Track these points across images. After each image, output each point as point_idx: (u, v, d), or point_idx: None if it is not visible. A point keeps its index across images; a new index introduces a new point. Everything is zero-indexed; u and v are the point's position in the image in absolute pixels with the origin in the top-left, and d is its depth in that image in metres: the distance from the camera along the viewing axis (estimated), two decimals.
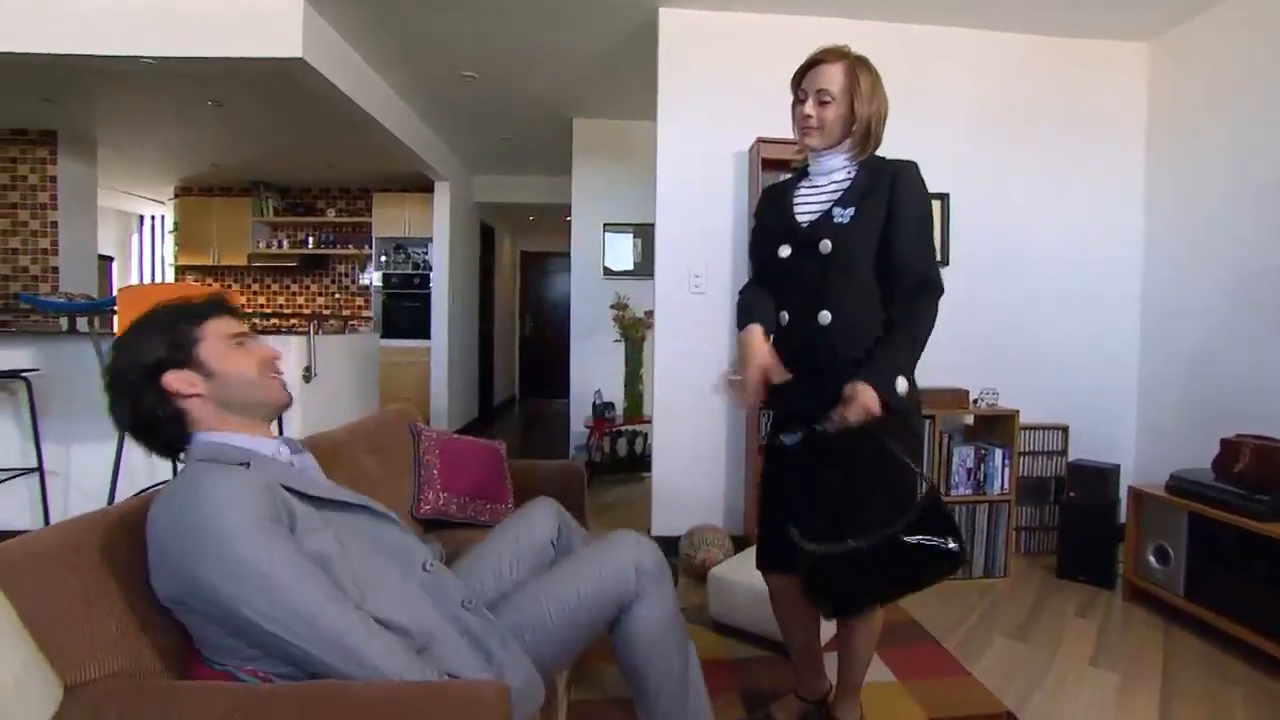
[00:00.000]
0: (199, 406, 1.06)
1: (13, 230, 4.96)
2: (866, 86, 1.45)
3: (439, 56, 3.68)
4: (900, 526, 1.29)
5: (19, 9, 2.88)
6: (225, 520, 0.90)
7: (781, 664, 2.12)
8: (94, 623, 0.93)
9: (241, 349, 1.11)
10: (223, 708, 0.87)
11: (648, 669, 1.28)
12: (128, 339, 1.08)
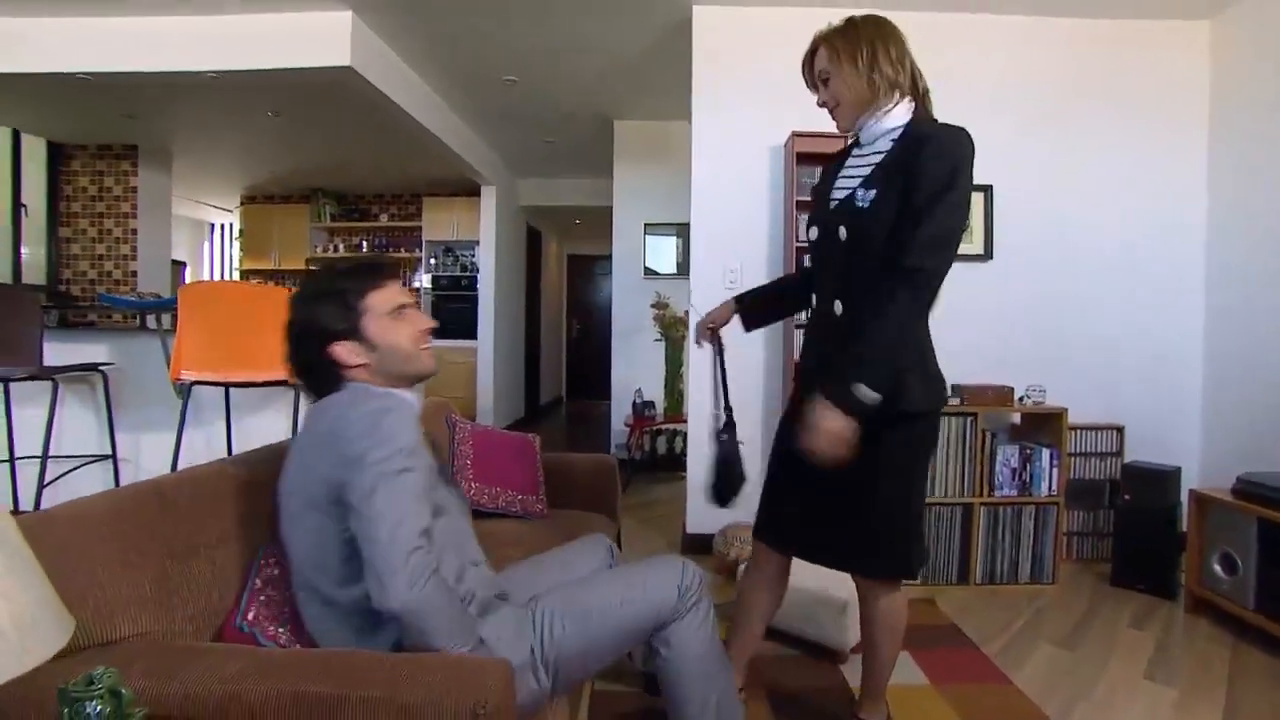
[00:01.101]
0: (359, 373, 1.18)
1: (98, 237, 5.34)
2: (854, 48, 1.36)
3: (481, 62, 3.78)
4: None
5: (104, 35, 3.19)
6: (401, 432, 1.06)
7: (809, 662, 2.09)
8: (129, 583, 1.00)
9: (401, 320, 1.20)
10: (239, 667, 0.92)
11: (687, 692, 1.28)
12: (303, 304, 1.18)
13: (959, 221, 1.30)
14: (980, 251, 3.00)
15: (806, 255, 1.63)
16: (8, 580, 0.53)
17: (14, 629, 0.52)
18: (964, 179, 1.30)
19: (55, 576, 0.90)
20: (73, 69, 3.22)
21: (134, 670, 0.89)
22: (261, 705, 0.87)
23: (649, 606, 1.24)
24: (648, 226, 5.00)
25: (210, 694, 0.88)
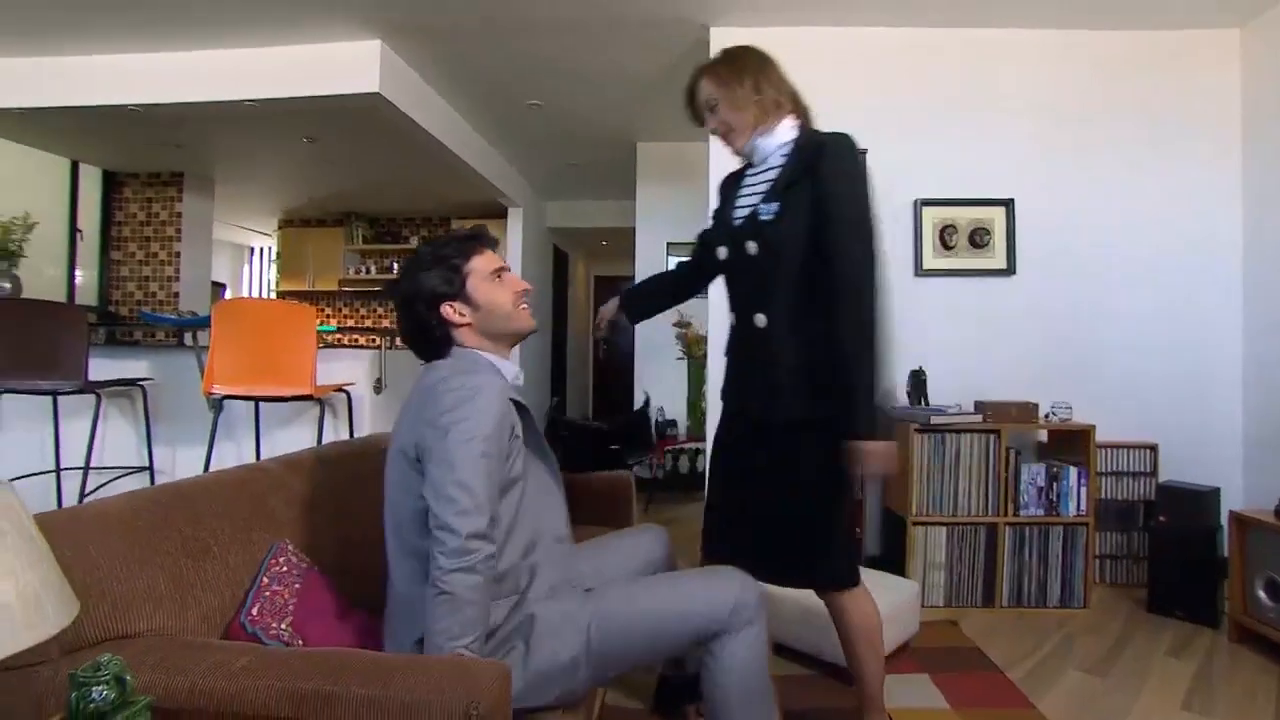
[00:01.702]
0: (466, 332, 1.27)
1: (145, 260, 5.59)
2: (738, 75, 1.47)
3: (506, 87, 3.89)
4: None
5: (153, 70, 3.41)
6: (485, 411, 1.12)
7: (825, 682, 2.06)
8: (146, 580, 1.04)
9: (500, 282, 1.29)
10: (244, 662, 0.95)
11: (725, 706, 1.26)
12: (414, 270, 1.26)
13: (872, 235, 1.41)
14: (1002, 266, 2.97)
15: (679, 260, 1.83)
16: (14, 558, 0.57)
17: (19, 604, 0.56)
18: (867, 189, 1.42)
19: (76, 570, 0.96)
20: (125, 101, 3.43)
21: (145, 664, 0.92)
22: (264, 700, 0.90)
23: (699, 617, 1.23)
24: (670, 246, 5.04)
25: (216, 688, 0.91)
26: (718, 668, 1.24)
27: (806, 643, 2.15)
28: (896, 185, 3.00)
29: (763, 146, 1.50)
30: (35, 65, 3.52)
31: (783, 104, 1.49)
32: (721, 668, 1.24)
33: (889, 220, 2.94)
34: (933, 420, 2.61)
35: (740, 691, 1.25)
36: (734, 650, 1.24)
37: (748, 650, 1.25)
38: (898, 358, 2.96)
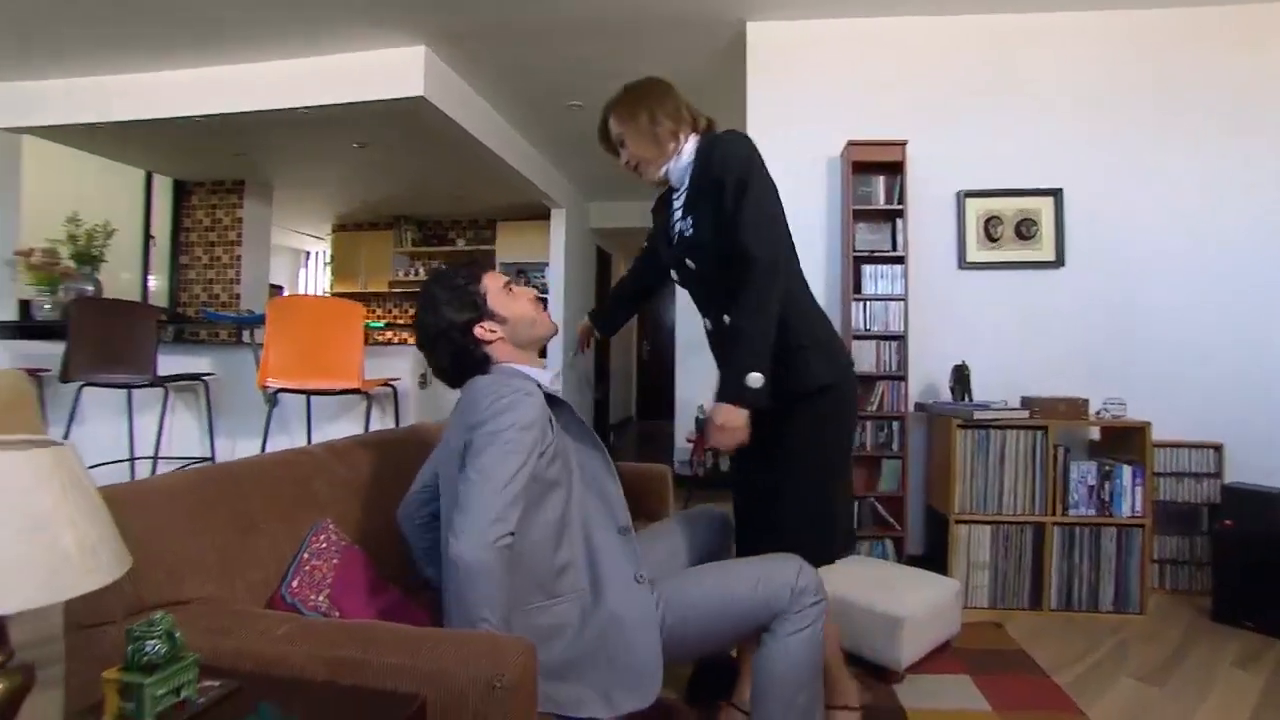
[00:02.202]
0: (499, 347, 1.32)
1: (209, 264, 5.90)
2: (635, 112, 1.53)
3: (546, 88, 3.96)
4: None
5: (215, 82, 3.63)
6: (521, 415, 1.17)
7: (864, 680, 2.02)
8: (199, 551, 1.11)
9: (515, 294, 1.36)
10: (284, 630, 1.01)
11: (775, 688, 1.26)
12: (433, 307, 1.32)
13: (770, 203, 1.43)
14: (1050, 258, 2.87)
15: (634, 258, 1.96)
16: (74, 511, 0.63)
17: (78, 553, 0.62)
18: (755, 165, 1.44)
19: (137, 540, 1.03)
20: (191, 113, 3.65)
21: (196, 627, 0.99)
22: (301, 663, 0.96)
23: (760, 602, 1.24)
24: None
25: (258, 651, 0.97)
26: (777, 648, 1.25)
27: (845, 639, 2.12)
28: (938, 177, 2.94)
29: (675, 171, 1.56)
30: (115, 82, 3.79)
31: (680, 131, 1.54)
32: (774, 650, 1.25)
33: (930, 212, 2.92)
34: (976, 416, 2.54)
35: (795, 675, 1.25)
36: (786, 634, 1.24)
37: (799, 634, 1.25)
38: (937, 350, 2.91)
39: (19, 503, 0.60)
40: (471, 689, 0.90)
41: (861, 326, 2.84)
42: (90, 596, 1.03)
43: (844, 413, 1.56)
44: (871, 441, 2.86)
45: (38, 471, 0.62)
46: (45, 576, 0.60)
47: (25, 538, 0.60)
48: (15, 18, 3.18)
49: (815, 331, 1.50)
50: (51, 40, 3.43)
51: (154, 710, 0.79)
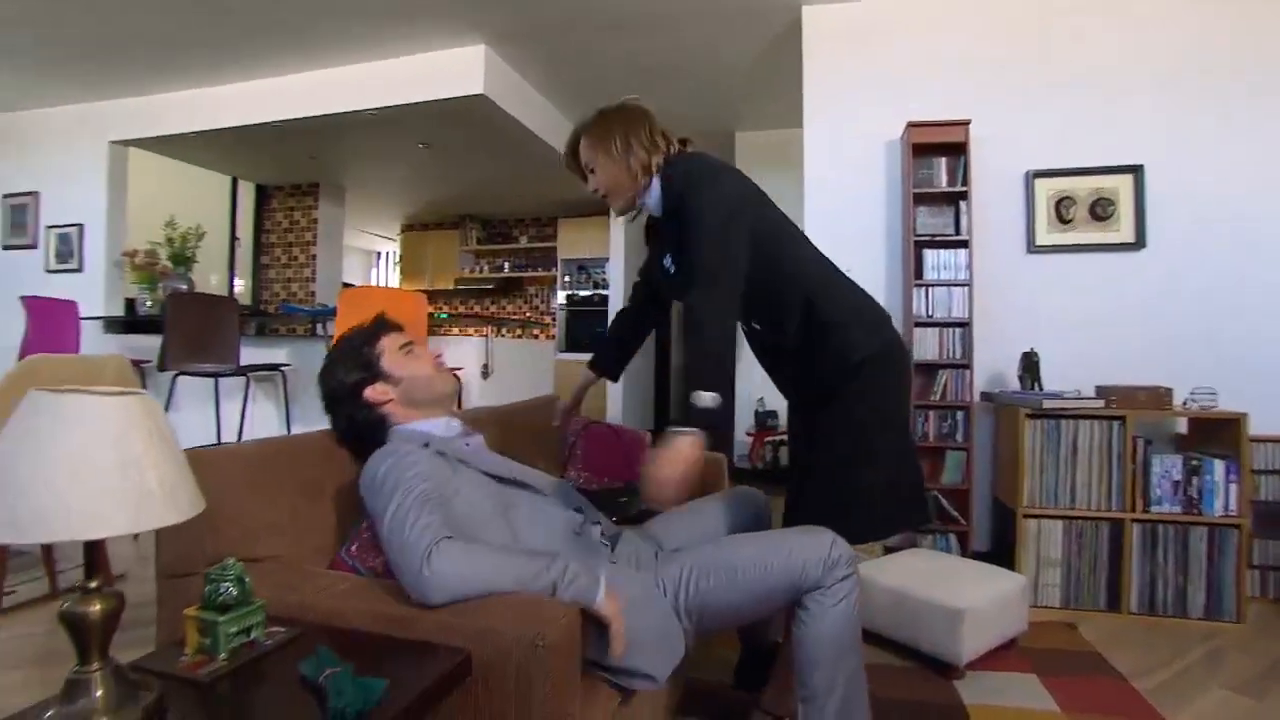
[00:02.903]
0: (393, 408, 1.34)
1: (286, 263, 6.29)
2: (609, 139, 1.47)
3: (603, 82, 4.02)
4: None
5: (288, 89, 3.89)
6: (394, 476, 1.13)
7: (919, 674, 1.98)
8: (269, 512, 1.21)
9: (412, 355, 1.38)
10: (344, 587, 1.09)
11: (814, 663, 1.25)
12: (329, 370, 1.36)
13: (713, 215, 1.34)
14: (1130, 239, 2.71)
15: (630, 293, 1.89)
16: (157, 453, 0.71)
17: (160, 490, 0.69)
18: (699, 178, 1.38)
19: (215, 498, 1.13)
20: (267, 119, 3.92)
21: (266, 581, 1.08)
22: (358, 617, 1.03)
23: (791, 573, 1.24)
24: None
25: (320, 605, 1.05)
26: (811, 621, 1.24)
27: (900, 631, 2.08)
28: (1004, 157, 2.83)
29: (650, 204, 1.52)
30: (204, 95, 4.14)
31: (654, 160, 1.48)
32: (814, 622, 1.24)
33: (996, 194, 2.81)
34: (1045, 405, 2.43)
35: (832, 648, 1.24)
36: (822, 608, 1.24)
37: (835, 608, 1.24)
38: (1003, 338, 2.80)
39: (115, 442, 0.68)
40: (515, 647, 0.95)
41: (923, 313, 2.77)
42: (177, 551, 1.15)
43: (887, 384, 1.46)
44: (935, 432, 2.77)
45: (129, 416, 0.70)
46: (133, 509, 0.67)
47: (119, 473, 0.68)
48: (124, 43, 3.50)
49: (845, 305, 1.45)
50: (156, 60, 3.76)
51: (227, 646, 0.88)
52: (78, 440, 0.67)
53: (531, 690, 0.94)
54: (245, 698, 0.82)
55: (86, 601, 0.71)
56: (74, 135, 4.46)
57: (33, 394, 0.68)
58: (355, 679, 0.78)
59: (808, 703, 1.26)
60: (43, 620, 2.27)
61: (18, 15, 3.26)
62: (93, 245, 4.42)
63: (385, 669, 0.83)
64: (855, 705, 1.28)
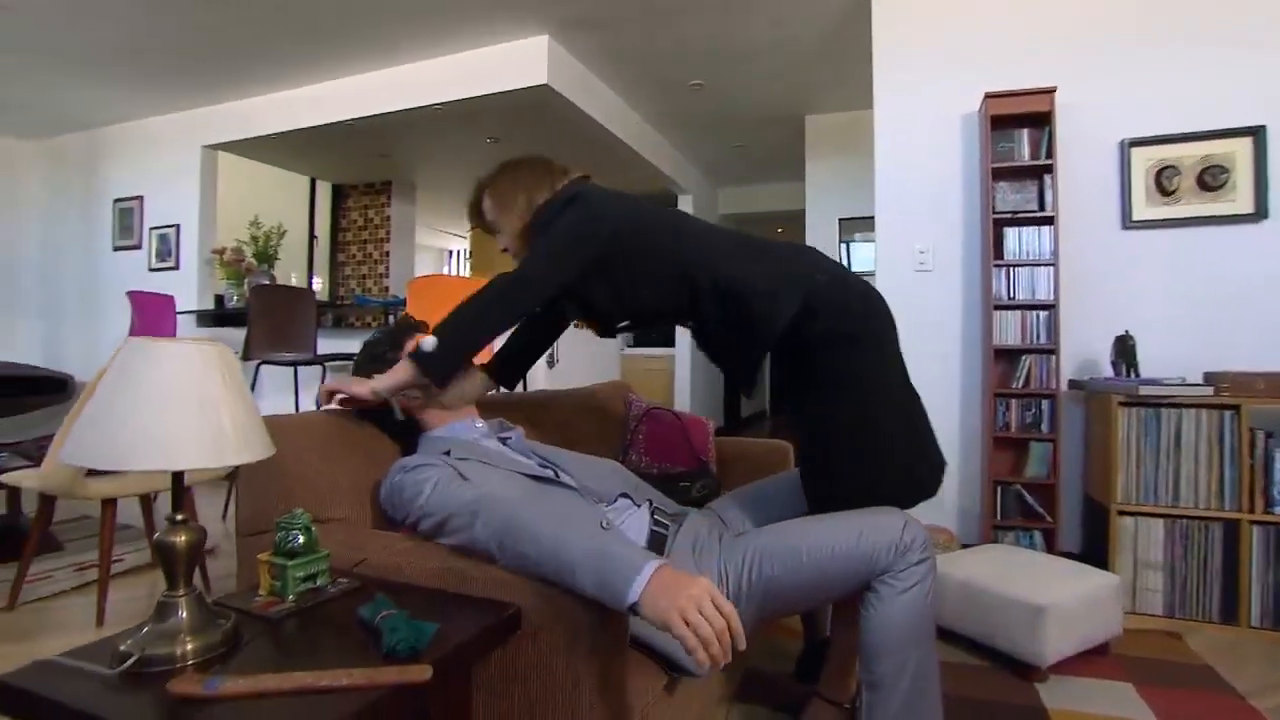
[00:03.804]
0: (422, 410, 1.42)
1: (362, 260, 6.64)
2: (510, 200, 1.50)
3: (667, 69, 4.06)
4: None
5: (358, 89, 4.15)
6: (415, 492, 1.23)
7: (996, 675, 1.91)
8: (333, 476, 1.31)
9: None
10: (404, 546, 1.17)
11: (882, 651, 1.22)
12: (359, 378, 1.46)
13: (529, 279, 1.36)
14: (1247, 210, 2.50)
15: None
16: (231, 398, 0.79)
17: (234, 432, 0.78)
18: (566, 211, 1.39)
19: (288, 461, 1.25)
20: (339, 118, 4.19)
21: (333, 539, 1.17)
22: (416, 572, 1.10)
23: (861, 557, 1.22)
24: (842, 224, 4.90)
25: (382, 561, 1.13)
26: (879, 606, 1.21)
27: (973, 626, 2.02)
28: (1094, 126, 2.68)
29: None
30: (282, 98, 4.45)
31: (548, 192, 1.49)
32: (882, 607, 1.21)
33: (1085, 166, 2.67)
34: (1141, 392, 2.29)
35: (899, 637, 1.21)
36: (892, 593, 1.21)
37: (906, 594, 1.20)
38: (1094, 321, 2.67)
39: (195, 385, 0.78)
40: (563, 600, 0.99)
41: (1004, 295, 2.66)
42: (253, 510, 1.26)
43: (837, 343, 1.34)
44: (1017, 422, 2.66)
45: (207, 362, 0.79)
46: (209, 446, 0.76)
47: (198, 412, 0.76)
48: (212, 54, 3.81)
49: (751, 283, 1.35)
50: (240, 68, 4.08)
51: (294, 589, 0.97)
52: (164, 380, 0.76)
53: (578, 645, 0.99)
54: (308, 634, 0.90)
55: (174, 532, 0.81)
56: (172, 141, 4.88)
57: (131, 340, 0.78)
58: (408, 621, 0.84)
59: (872, 690, 1.23)
60: (146, 585, 2.55)
61: (127, 38, 3.61)
62: (187, 244, 4.83)
63: (438, 617, 0.89)
64: (924, 699, 1.23)
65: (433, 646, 0.83)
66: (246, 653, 0.82)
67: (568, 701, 0.98)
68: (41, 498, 2.27)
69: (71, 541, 2.92)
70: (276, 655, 0.83)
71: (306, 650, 0.85)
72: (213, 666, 0.77)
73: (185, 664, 0.76)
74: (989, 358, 2.67)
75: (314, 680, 0.72)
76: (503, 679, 1.02)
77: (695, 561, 1.32)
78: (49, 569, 2.56)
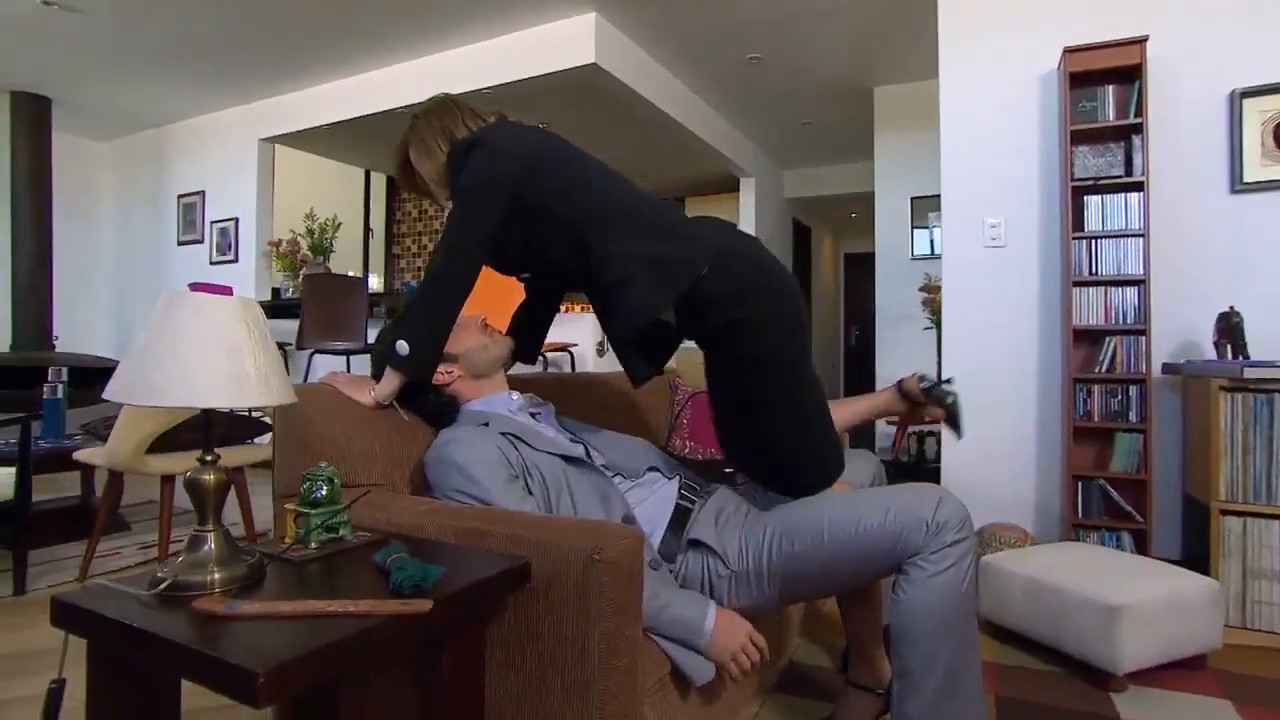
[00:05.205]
0: (460, 384, 1.51)
1: (416, 252, 6.97)
2: (424, 137, 1.55)
3: (722, 42, 4.09)
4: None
5: (409, 75, 4.37)
6: (457, 459, 1.33)
7: (1067, 682, 1.87)
8: (364, 442, 1.42)
9: (460, 326, 1.48)
10: (425, 508, 1.28)
11: (914, 639, 1.21)
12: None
13: (458, 239, 1.41)
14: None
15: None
16: (256, 346, 0.91)
17: (258, 377, 0.89)
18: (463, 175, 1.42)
19: (321, 426, 1.38)
20: (390, 106, 4.42)
21: (360, 501, 1.29)
22: (435, 530, 1.20)
23: (888, 536, 1.21)
24: (914, 203, 4.80)
25: (404, 521, 1.24)
26: (909, 589, 1.20)
27: (1039, 627, 1.98)
28: (1194, 79, 2.57)
29: None
30: (333, 88, 4.76)
31: (464, 135, 1.51)
32: (913, 590, 1.20)
33: (1183, 123, 2.56)
34: (1247, 374, 2.18)
35: (932, 622, 1.19)
36: (925, 575, 1.19)
37: (941, 575, 1.18)
38: (1193, 297, 2.56)
39: (222, 332, 0.89)
40: (574, 559, 1.07)
41: (1084, 270, 2.57)
42: (289, 475, 1.39)
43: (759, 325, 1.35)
44: (1100, 410, 2.56)
45: (232, 312, 0.91)
46: (235, 388, 0.88)
47: (225, 356, 0.88)
48: (264, 46, 4.11)
49: (628, 266, 1.36)
50: (292, 60, 4.38)
51: (317, 538, 1.08)
52: (196, 327, 0.88)
53: (588, 604, 1.06)
54: (326, 575, 1.01)
55: (203, 471, 0.93)
56: (231, 136, 5.27)
57: (169, 293, 0.91)
58: (416, 563, 0.94)
59: (903, 679, 1.23)
60: None
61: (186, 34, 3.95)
62: (245, 237, 5.20)
63: (450, 565, 0.99)
64: (961, 691, 1.21)
65: (439, 587, 0.92)
66: (267, 586, 0.93)
67: (577, 657, 1.06)
68: (110, 477, 2.54)
69: (137, 523, 3.24)
70: (293, 589, 0.94)
71: (322, 587, 0.96)
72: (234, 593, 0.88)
73: (213, 591, 0.88)
74: (1068, 339, 2.59)
75: (322, 607, 0.82)
76: (516, 635, 1.11)
77: (717, 533, 1.37)
78: (117, 546, 2.87)
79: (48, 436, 2.75)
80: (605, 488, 1.41)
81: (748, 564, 1.32)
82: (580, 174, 1.47)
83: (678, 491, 1.48)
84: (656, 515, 1.42)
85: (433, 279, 1.41)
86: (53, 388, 2.82)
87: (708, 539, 1.35)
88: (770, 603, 1.33)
